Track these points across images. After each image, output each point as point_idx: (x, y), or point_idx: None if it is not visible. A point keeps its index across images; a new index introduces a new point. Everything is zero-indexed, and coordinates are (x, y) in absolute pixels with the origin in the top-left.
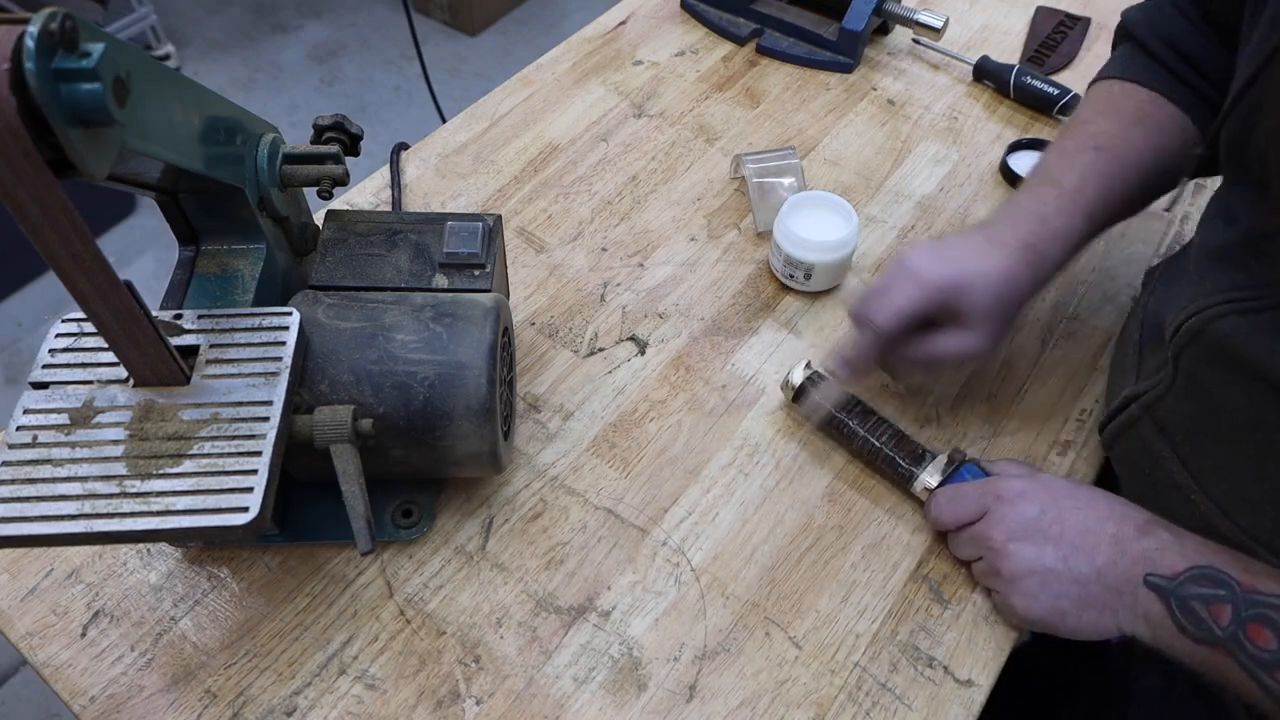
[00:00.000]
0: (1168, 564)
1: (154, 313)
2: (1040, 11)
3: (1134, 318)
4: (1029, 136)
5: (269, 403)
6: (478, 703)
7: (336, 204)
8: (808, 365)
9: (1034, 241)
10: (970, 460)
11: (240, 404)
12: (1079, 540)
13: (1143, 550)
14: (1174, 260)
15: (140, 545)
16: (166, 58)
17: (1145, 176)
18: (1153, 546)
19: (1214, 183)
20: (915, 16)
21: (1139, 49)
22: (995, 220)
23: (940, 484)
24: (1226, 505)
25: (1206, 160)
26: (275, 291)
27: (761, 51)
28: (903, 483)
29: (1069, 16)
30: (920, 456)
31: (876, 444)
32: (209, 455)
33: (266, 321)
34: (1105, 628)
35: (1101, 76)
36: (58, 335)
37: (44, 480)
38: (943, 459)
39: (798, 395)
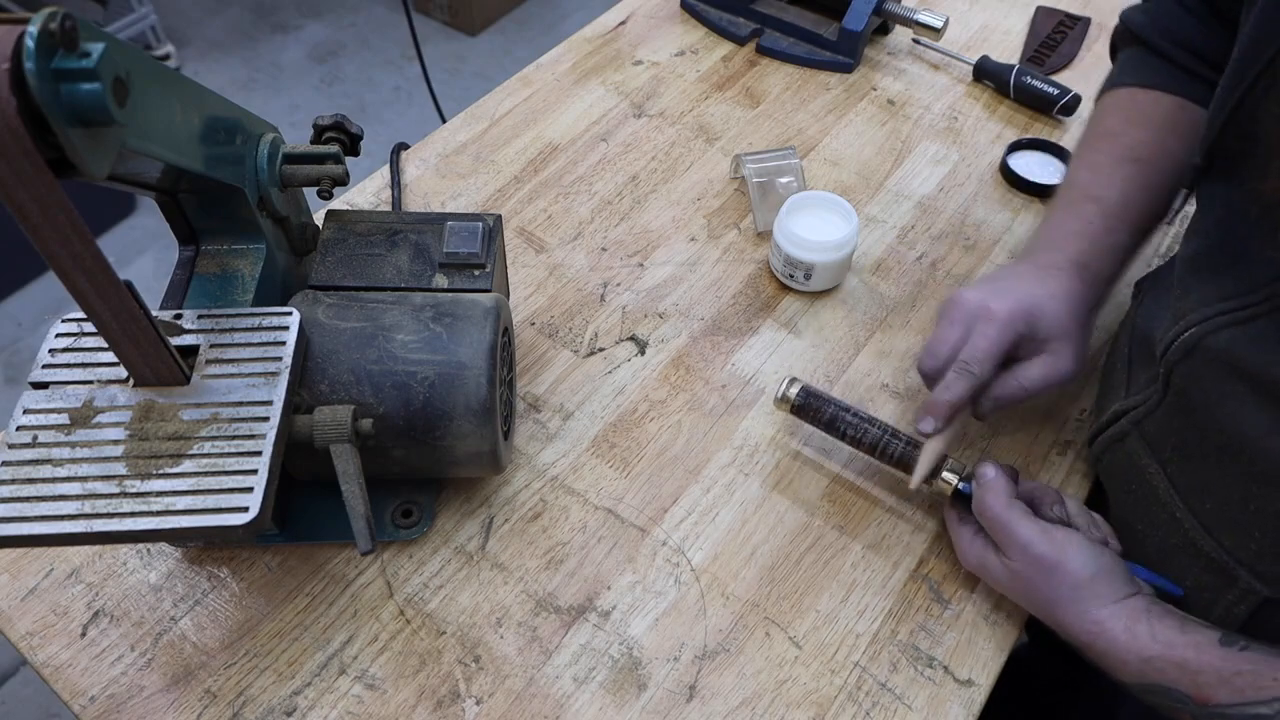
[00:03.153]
0: (1115, 676)
1: (154, 313)
2: (1040, 11)
3: (1123, 331)
4: (1029, 136)
5: (269, 403)
6: (478, 703)
7: (336, 204)
8: (793, 381)
9: (1086, 260)
10: (966, 484)
11: (240, 404)
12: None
13: (1087, 658)
14: (1160, 273)
15: (140, 545)
16: (166, 58)
17: (1183, 185)
18: (1094, 659)
19: None
20: (915, 16)
21: (1150, 53)
22: (1039, 246)
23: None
24: (1211, 524)
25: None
26: (275, 291)
27: (761, 51)
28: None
29: (1069, 16)
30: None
31: (886, 452)
32: (209, 455)
33: (266, 321)
34: None
35: (1117, 84)
36: (58, 335)
37: (44, 480)
38: (940, 481)
39: (800, 410)
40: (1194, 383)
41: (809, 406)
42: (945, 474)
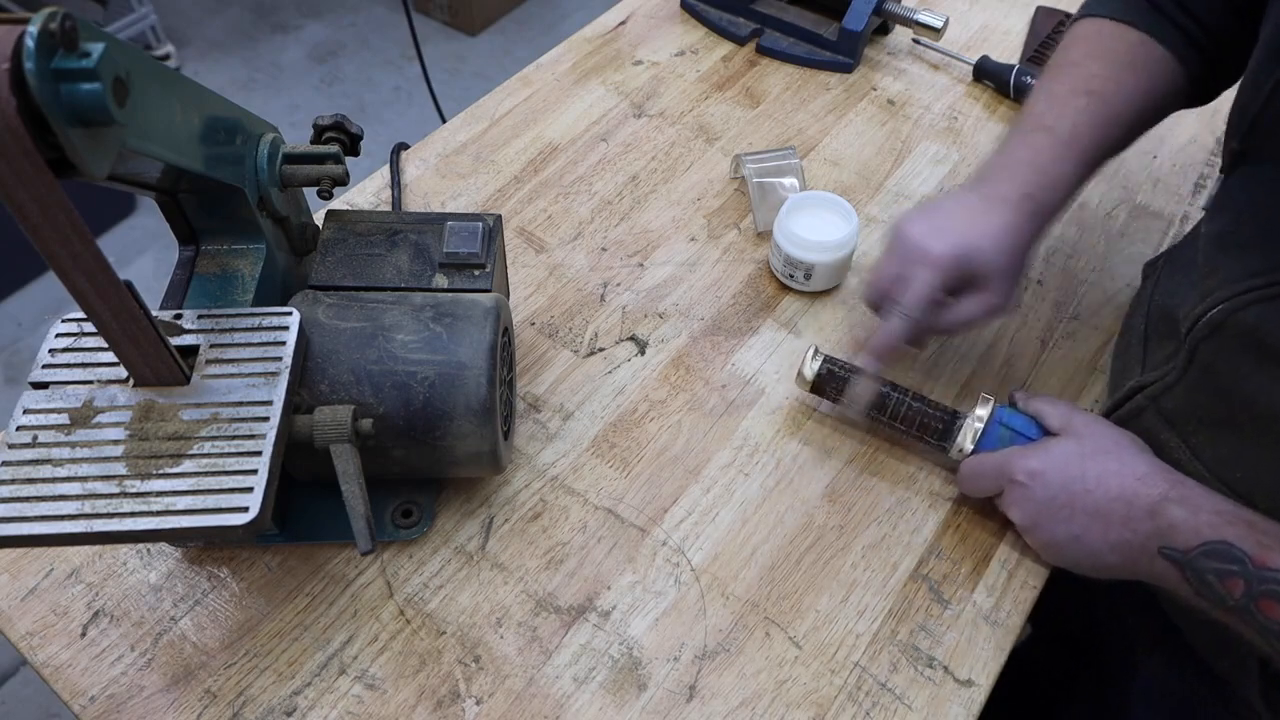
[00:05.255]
0: (1180, 540)
1: (154, 313)
2: (1040, 11)
3: (1137, 310)
4: None
5: (269, 403)
6: (478, 703)
7: (336, 204)
8: (816, 352)
9: (1032, 191)
10: (1002, 405)
11: (240, 404)
12: (1090, 522)
13: (1155, 528)
14: (1178, 250)
15: (140, 545)
16: (166, 58)
17: (1135, 120)
18: (1165, 525)
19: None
20: (915, 16)
21: None
22: (988, 174)
23: (974, 449)
24: (1241, 491)
25: (1239, 153)
26: (275, 291)
27: (761, 51)
28: (939, 451)
29: (1069, 16)
30: (952, 419)
31: (906, 416)
32: (209, 455)
33: (266, 321)
34: (1127, 578)
35: (1089, 13)
36: (58, 335)
37: (44, 480)
38: (973, 420)
39: (820, 388)
40: (1222, 358)
41: (833, 378)
42: (979, 410)
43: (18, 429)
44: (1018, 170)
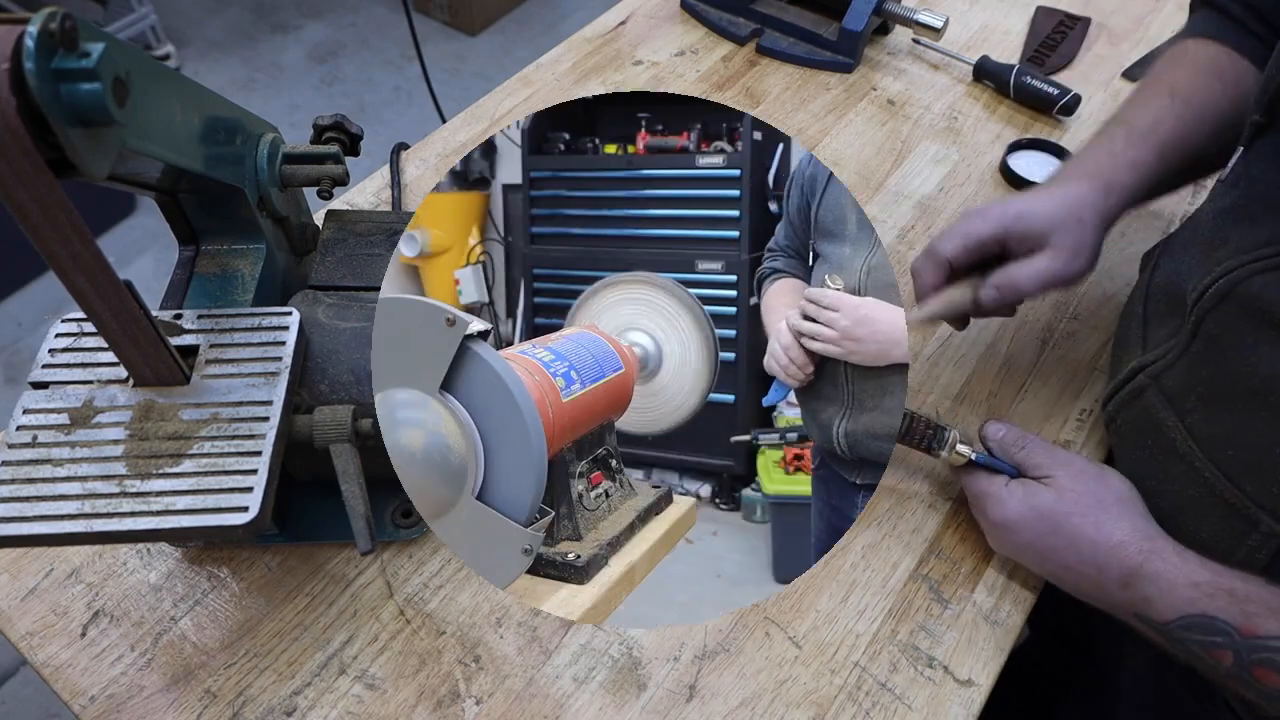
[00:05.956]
0: (1155, 613)
1: (154, 313)
2: (1040, 11)
3: (1137, 296)
4: (1029, 136)
5: (269, 403)
6: (478, 703)
7: (336, 204)
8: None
9: (1098, 170)
10: (980, 453)
11: (240, 404)
12: (1063, 572)
13: (1128, 599)
14: (1178, 234)
15: (140, 545)
16: (166, 58)
17: (1220, 127)
18: (1139, 598)
19: None
20: (915, 16)
21: (1218, 13)
22: (1063, 170)
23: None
24: (1232, 472)
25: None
26: (275, 291)
27: (761, 51)
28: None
29: (1069, 16)
30: (937, 434)
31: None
32: (209, 455)
33: (266, 321)
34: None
35: (1177, 38)
36: (58, 335)
37: (44, 480)
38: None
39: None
40: (1227, 329)
41: None
42: (960, 447)
43: (18, 429)
44: (1089, 157)
